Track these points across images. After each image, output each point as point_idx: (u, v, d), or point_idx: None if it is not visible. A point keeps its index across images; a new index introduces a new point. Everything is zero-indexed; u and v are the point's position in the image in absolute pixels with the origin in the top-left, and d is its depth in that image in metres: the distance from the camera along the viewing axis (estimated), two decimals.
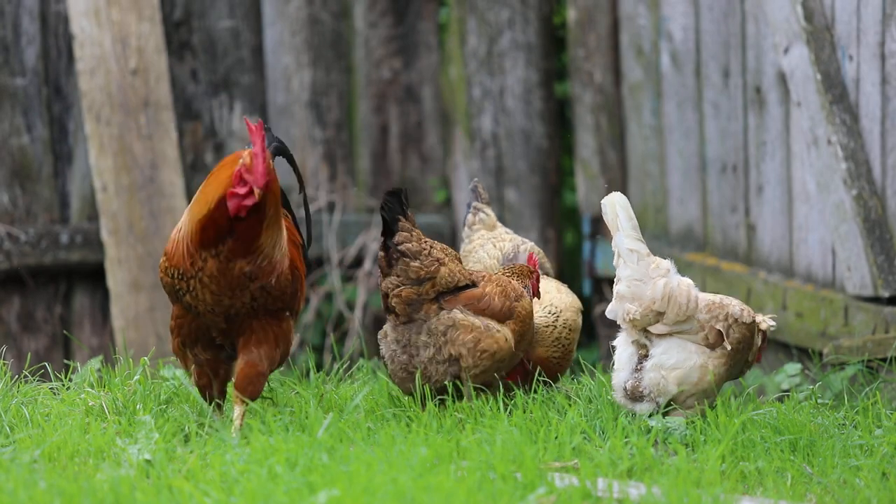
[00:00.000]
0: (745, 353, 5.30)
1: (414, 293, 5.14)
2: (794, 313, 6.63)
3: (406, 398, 5.23)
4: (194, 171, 7.79)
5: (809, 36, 6.41)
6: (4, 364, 5.37)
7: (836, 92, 6.35)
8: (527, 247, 5.85)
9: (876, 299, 6.27)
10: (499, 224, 5.97)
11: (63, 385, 5.39)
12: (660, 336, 5.26)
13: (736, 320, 5.26)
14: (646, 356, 5.27)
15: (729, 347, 5.22)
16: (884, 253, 6.22)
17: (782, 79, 6.72)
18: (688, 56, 7.34)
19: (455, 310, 5.16)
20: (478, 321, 5.17)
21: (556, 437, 4.75)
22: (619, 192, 5.33)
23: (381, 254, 5.16)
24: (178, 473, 4.46)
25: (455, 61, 8.09)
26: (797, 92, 6.51)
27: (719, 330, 5.23)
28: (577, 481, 4.35)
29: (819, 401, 5.75)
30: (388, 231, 5.12)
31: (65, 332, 7.54)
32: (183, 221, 4.93)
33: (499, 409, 5.09)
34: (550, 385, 5.44)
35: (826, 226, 6.50)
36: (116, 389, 5.22)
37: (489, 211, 5.94)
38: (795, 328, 6.65)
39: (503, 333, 5.20)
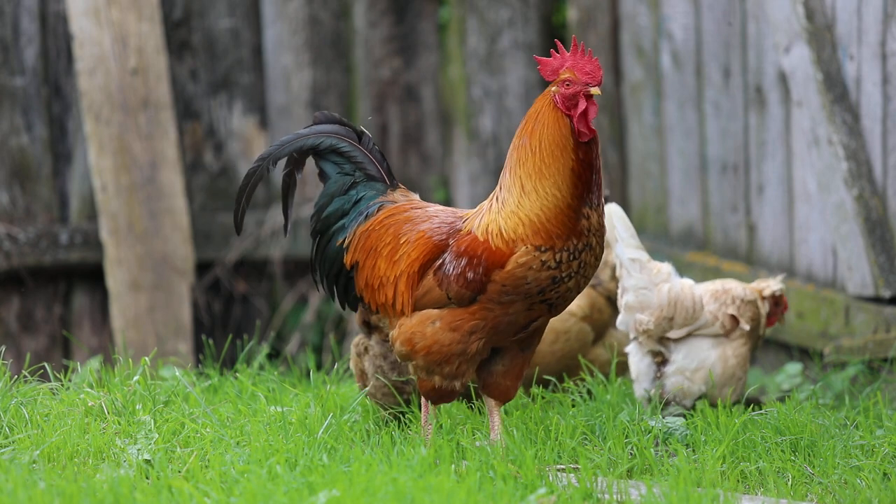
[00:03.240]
0: (757, 329, 5.38)
1: None
2: (794, 313, 6.62)
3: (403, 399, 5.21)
4: (194, 171, 7.79)
5: (810, 35, 6.40)
6: (4, 364, 5.36)
7: (837, 91, 6.34)
8: None
9: (877, 299, 6.26)
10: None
11: (62, 385, 5.38)
12: (677, 341, 5.31)
13: (743, 300, 5.34)
14: (663, 363, 5.32)
15: (748, 327, 5.29)
16: (885, 253, 6.22)
17: (783, 78, 6.72)
18: (688, 56, 7.33)
19: None
20: None
21: (556, 438, 4.75)
22: (613, 203, 5.38)
23: None
24: (178, 473, 4.46)
25: (455, 61, 8.09)
26: (798, 91, 6.50)
27: (732, 315, 5.30)
28: (577, 481, 4.35)
29: (820, 401, 5.74)
30: None
31: (64, 332, 7.53)
32: (511, 194, 4.51)
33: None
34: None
35: (827, 226, 6.50)
36: (116, 389, 5.21)
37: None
38: (796, 328, 6.64)
39: None
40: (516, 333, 4.63)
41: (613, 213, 5.34)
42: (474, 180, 8.07)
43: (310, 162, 4.86)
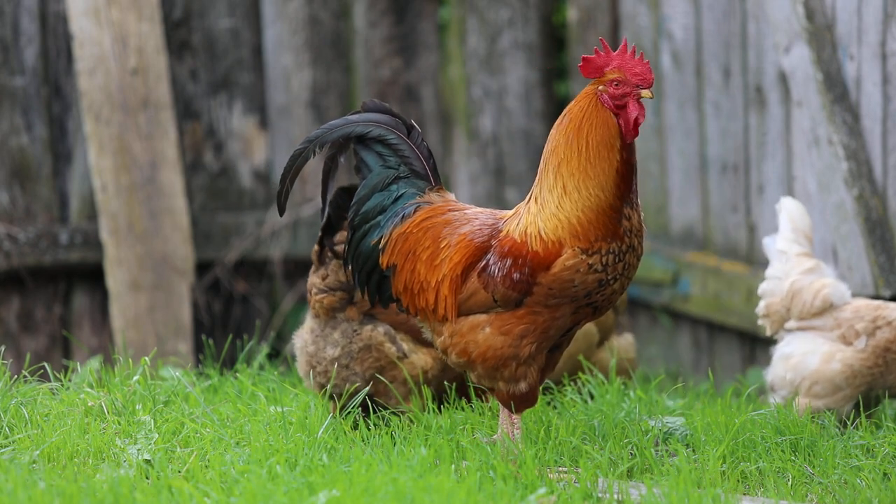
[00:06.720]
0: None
1: (337, 300, 4.94)
2: None
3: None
4: (194, 171, 7.78)
5: (810, 35, 6.40)
6: (4, 364, 5.36)
7: (837, 91, 6.34)
8: None
9: (877, 299, 6.25)
10: None
11: (62, 385, 5.38)
12: (790, 331, 5.33)
13: (889, 323, 5.22)
14: None
15: (862, 344, 5.20)
16: (885, 253, 6.21)
17: (783, 78, 6.72)
18: (688, 55, 7.33)
19: (379, 327, 4.96)
20: (393, 349, 4.95)
21: (556, 437, 4.75)
22: (791, 199, 5.47)
23: (316, 247, 4.95)
24: (178, 473, 4.46)
25: (455, 61, 8.09)
26: (798, 91, 6.50)
27: (857, 329, 5.21)
28: (577, 481, 4.35)
29: None
30: (331, 228, 4.88)
31: (64, 332, 7.53)
32: (552, 195, 4.46)
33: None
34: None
35: (827, 226, 6.49)
36: (116, 389, 5.21)
37: None
38: None
39: (420, 362, 4.99)
40: (561, 337, 4.58)
41: (783, 207, 5.42)
42: (474, 180, 8.07)
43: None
